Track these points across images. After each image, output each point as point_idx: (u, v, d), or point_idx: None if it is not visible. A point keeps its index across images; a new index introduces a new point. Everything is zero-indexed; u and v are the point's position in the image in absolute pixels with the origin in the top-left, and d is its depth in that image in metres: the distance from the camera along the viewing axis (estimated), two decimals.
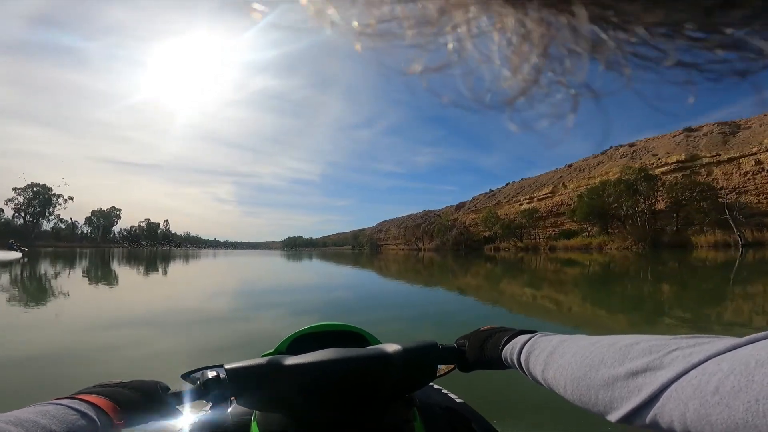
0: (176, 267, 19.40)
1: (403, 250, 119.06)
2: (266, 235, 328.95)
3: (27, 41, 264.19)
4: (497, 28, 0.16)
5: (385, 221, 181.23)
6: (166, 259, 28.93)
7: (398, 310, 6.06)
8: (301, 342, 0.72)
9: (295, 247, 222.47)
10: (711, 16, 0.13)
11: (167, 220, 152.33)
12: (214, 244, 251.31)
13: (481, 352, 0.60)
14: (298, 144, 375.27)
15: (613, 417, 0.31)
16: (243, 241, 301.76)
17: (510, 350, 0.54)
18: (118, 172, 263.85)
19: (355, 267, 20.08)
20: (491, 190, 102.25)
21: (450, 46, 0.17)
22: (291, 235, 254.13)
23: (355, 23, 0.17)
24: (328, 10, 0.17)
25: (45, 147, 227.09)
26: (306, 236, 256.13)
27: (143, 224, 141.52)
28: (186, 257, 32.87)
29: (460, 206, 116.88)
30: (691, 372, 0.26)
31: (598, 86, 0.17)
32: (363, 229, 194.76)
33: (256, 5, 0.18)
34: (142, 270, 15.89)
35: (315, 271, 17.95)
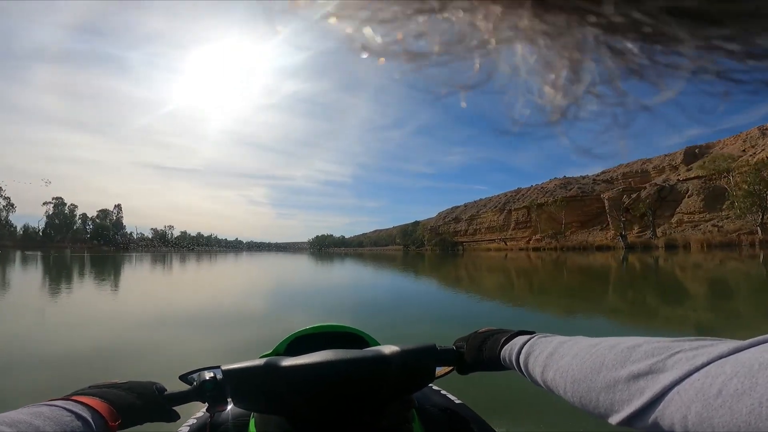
0: None
1: (549, 248, 57.29)
2: (299, 236, 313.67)
3: (73, 50, 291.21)
4: (524, 39, 0.16)
5: (455, 207, 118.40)
6: None
7: None
8: (299, 343, 0.71)
9: (324, 248, 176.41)
10: (741, 28, 0.13)
11: (119, 205, 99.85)
12: (236, 245, 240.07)
13: (480, 354, 0.60)
14: (329, 146, 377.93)
15: (614, 420, 0.31)
16: (272, 242, 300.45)
17: (508, 351, 0.53)
18: (160, 177, 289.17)
19: None
20: None
21: (477, 65, 0.17)
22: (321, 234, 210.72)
23: (379, 39, 0.17)
24: (351, 29, 0.17)
25: (92, 153, 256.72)
26: (337, 235, 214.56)
27: (49, 207, 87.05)
28: None
29: (695, 153, 52.64)
30: (693, 375, 0.26)
31: (634, 97, 0.16)
32: (417, 222, 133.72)
33: (278, 26, 0.18)
34: None
35: None
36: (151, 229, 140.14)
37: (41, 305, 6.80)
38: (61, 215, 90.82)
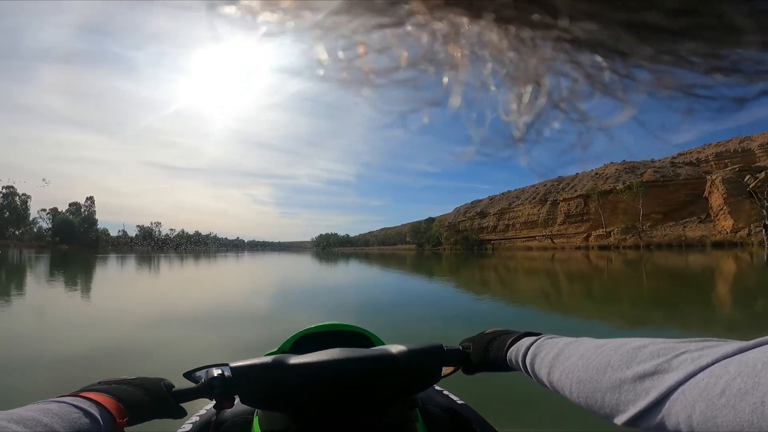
0: None
1: (625, 246, 44.36)
2: (302, 235, 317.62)
3: (79, 50, 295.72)
4: (491, 56, 0.15)
5: (477, 201, 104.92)
6: None
7: None
8: (304, 341, 0.72)
9: (328, 247, 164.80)
10: (705, 41, 0.13)
11: (91, 198, 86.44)
12: (237, 245, 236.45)
13: (486, 354, 0.60)
14: (333, 145, 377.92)
15: (620, 420, 0.31)
16: (275, 241, 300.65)
17: (515, 352, 0.53)
18: (166, 176, 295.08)
19: None
20: None
21: (445, 79, 0.16)
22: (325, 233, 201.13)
23: (341, 54, 0.16)
24: (315, 44, 0.16)
25: (98, 153, 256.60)
26: (341, 233, 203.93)
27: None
28: None
29: None
30: (698, 375, 0.26)
31: (599, 114, 0.16)
32: (431, 219, 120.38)
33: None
34: None
35: None
36: (137, 226, 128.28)
37: None
38: (8, 207, 75.07)
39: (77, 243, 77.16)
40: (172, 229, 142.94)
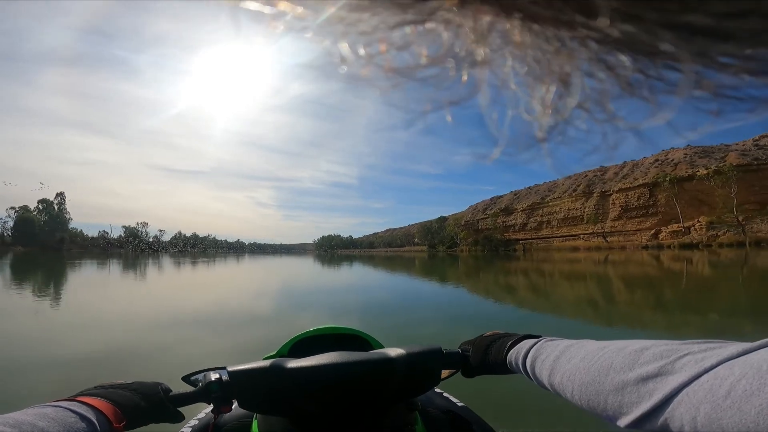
0: None
1: (725, 243, 31.67)
2: (306, 237, 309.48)
3: (82, 53, 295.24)
4: (517, 54, 0.15)
5: (498, 197, 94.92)
6: None
7: None
8: (303, 345, 0.71)
9: (330, 249, 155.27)
10: (744, 44, 0.12)
11: (61, 193, 76.29)
12: (237, 247, 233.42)
13: (485, 357, 0.60)
14: (336, 147, 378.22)
15: (623, 422, 0.31)
16: (277, 243, 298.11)
17: (515, 355, 0.53)
18: (170, 179, 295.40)
19: None
20: None
21: (464, 77, 0.16)
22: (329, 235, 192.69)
23: (363, 51, 0.16)
24: (337, 41, 0.16)
25: (103, 155, 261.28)
26: (345, 235, 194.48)
27: None
28: None
29: None
30: (703, 376, 0.26)
31: (625, 113, 0.15)
32: (443, 218, 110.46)
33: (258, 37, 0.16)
34: None
35: None
36: (123, 227, 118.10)
37: None
38: None
39: (38, 245, 66.96)
40: (161, 230, 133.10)
